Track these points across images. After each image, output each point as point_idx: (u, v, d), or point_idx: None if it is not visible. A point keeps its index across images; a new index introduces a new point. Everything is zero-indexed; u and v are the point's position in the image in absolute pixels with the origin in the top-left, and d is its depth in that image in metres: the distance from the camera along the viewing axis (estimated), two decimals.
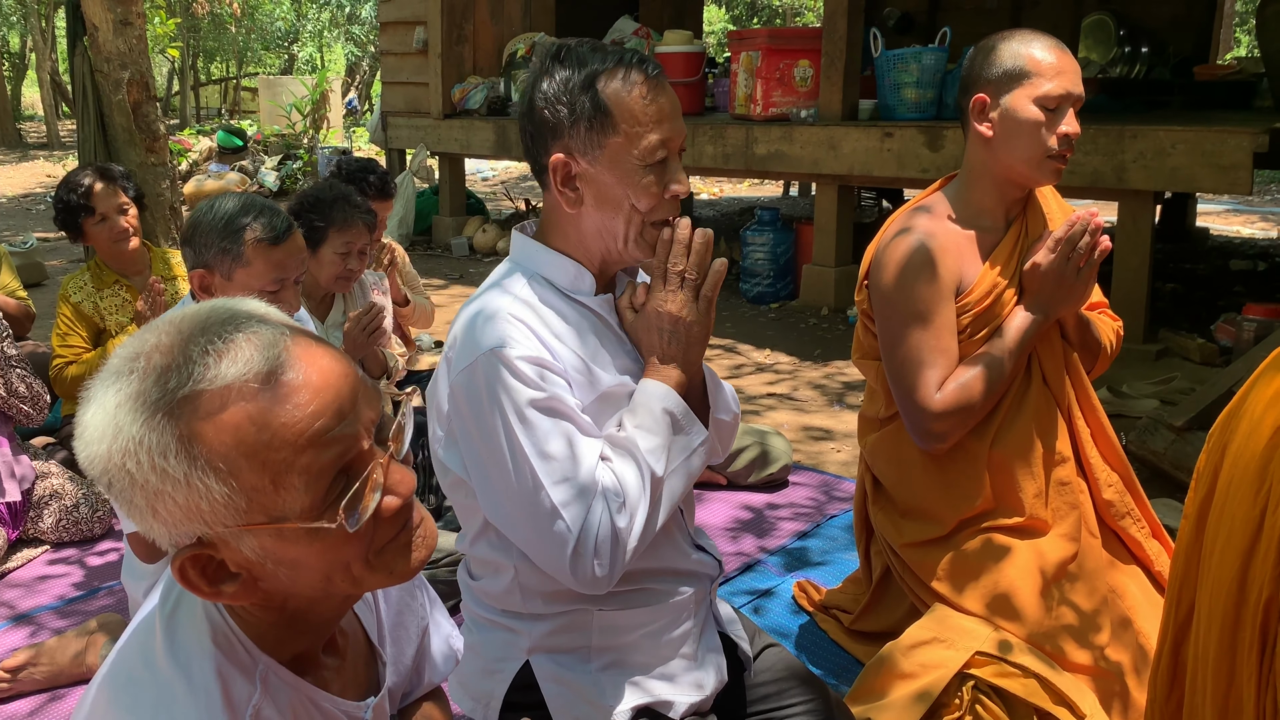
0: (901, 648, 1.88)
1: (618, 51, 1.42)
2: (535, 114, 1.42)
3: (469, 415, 1.38)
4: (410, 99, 8.02)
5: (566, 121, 1.40)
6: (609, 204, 1.42)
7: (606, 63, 1.40)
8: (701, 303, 1.44)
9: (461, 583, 1.58)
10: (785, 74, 5.61)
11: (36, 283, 6.50)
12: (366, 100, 20.70)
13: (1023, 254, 1.98)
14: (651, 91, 1.40)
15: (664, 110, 1.40)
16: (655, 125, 1.39)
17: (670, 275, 1.43)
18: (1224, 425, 1.18)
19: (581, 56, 1.41)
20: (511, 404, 1.34)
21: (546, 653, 1.48)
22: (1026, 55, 1.89)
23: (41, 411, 2.99)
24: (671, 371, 1.44)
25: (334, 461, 0.83)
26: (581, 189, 1.42)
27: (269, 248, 2.14)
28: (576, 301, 1.46)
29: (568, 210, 1.44)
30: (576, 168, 1.41)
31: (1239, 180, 4.10)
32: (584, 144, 1.40)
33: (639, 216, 1.42)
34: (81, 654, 2.26)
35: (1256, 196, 10.65)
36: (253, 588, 0.87)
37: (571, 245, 1.47)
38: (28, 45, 21.48)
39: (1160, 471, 3.15)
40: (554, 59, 1.42)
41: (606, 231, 1.44)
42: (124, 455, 0.79)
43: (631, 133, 1.38)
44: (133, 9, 4.54)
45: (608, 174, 1.40)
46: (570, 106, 1.39)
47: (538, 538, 1.36)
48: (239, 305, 0.87)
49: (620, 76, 1.39)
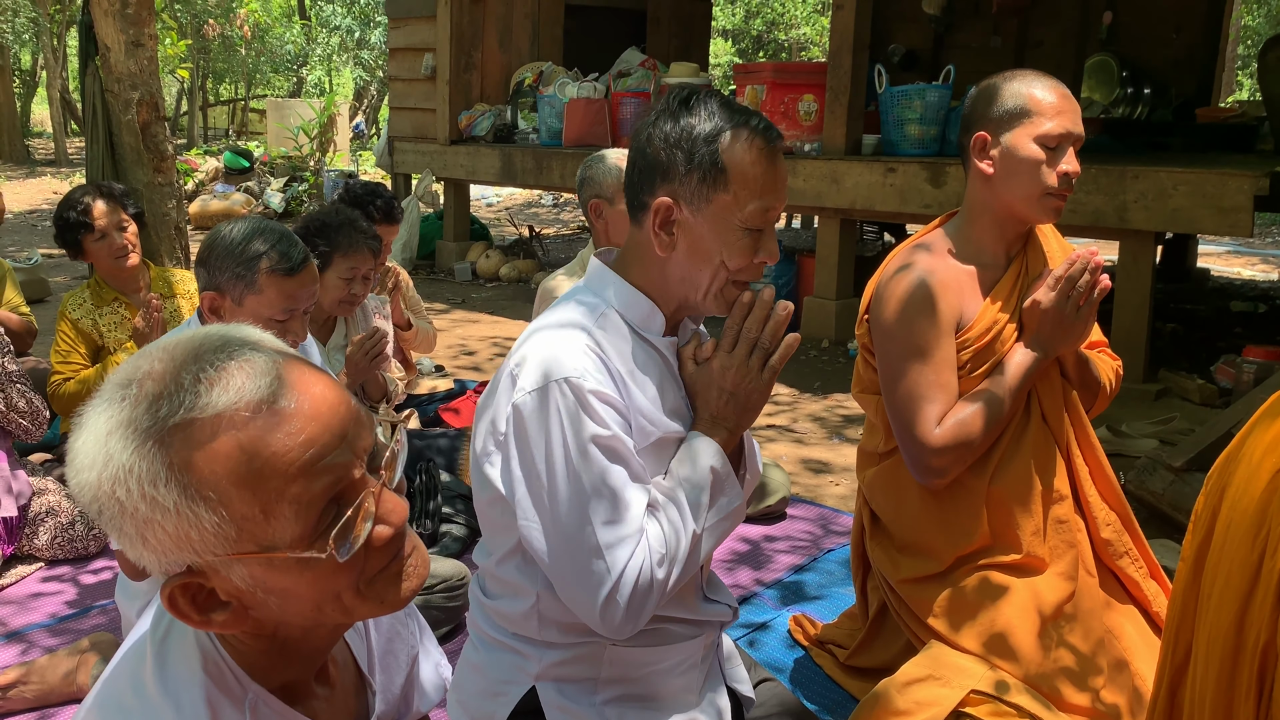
0: (896, 685, 1.87)
1: (746, 112, 1.43)
2: (650, 152, 1.43)
3: (529, 438, 1.37)
4: (417, 124, 8.08)
5: (681, 168, 1.40)
6: (700, 256, 1.43)
7: (733, 121, 1.41)
8: (767, 372, 1.44)
9: (473, 598, 1.57)
10: (790, 108, 5.65)
11: (40, 299, 6.52)
12: (374, 124, 20.83)
13: (1023, 291, 1.98)
14: (769, 159, 1.41)
15: (776, 180, 1.42)
16: (765, 193, 1.41)
17: (744, 339, 1.44)
18: (1222, 469, 1.18)
19: (711, 109, 1.42)
20: (575, 436, 1.34)
21: (553, 681, 1.48)
22: (1027, 94, 1.90)
23: (40, 427, 2.99)
24: (721, 431, 1.44)
25: (325, 491, 0.82)
26: (677, 235, 1.43)
27: (282, 278, 2.13)
28: (644, 340, 1.46)
29: (658, 253, 1.44)
30: (678, 214, 1.42)
31: (1240, 222, 4.12)
32: (693, 194, 1.41)
33: (725, 273, 1.43)
34: (73, 673, 2.25)
35: (1257, 239, 10.69)
36: (243, 616, 0.86)
37: (651, 283, 1.47)
38: (39, 63, 21.65)
39: (1159, 512, 3.14)
40: (683, 104, 1.43)
41: (690, 280, 1.45)
42: (114, 483, 0.78)
43: (741, 195, 1.39)
44: (145, 30, 4.58)
45: (707, 228, 1.41)
46: (689, 155, 1.40)
47: (573, 573, 1.35)
48: (233, 332, 0.86)
49: (745, 138, 1.40)
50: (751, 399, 1.45)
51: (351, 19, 20.95)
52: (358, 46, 21.18)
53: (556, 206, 12.75)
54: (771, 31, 24.02)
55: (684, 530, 1.38)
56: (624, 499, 1.35)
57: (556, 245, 9.42)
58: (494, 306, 6.80)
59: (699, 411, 1.47)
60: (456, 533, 2.98)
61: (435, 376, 4.77)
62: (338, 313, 3.11)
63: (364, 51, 21.12)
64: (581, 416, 1.34)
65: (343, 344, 3.19)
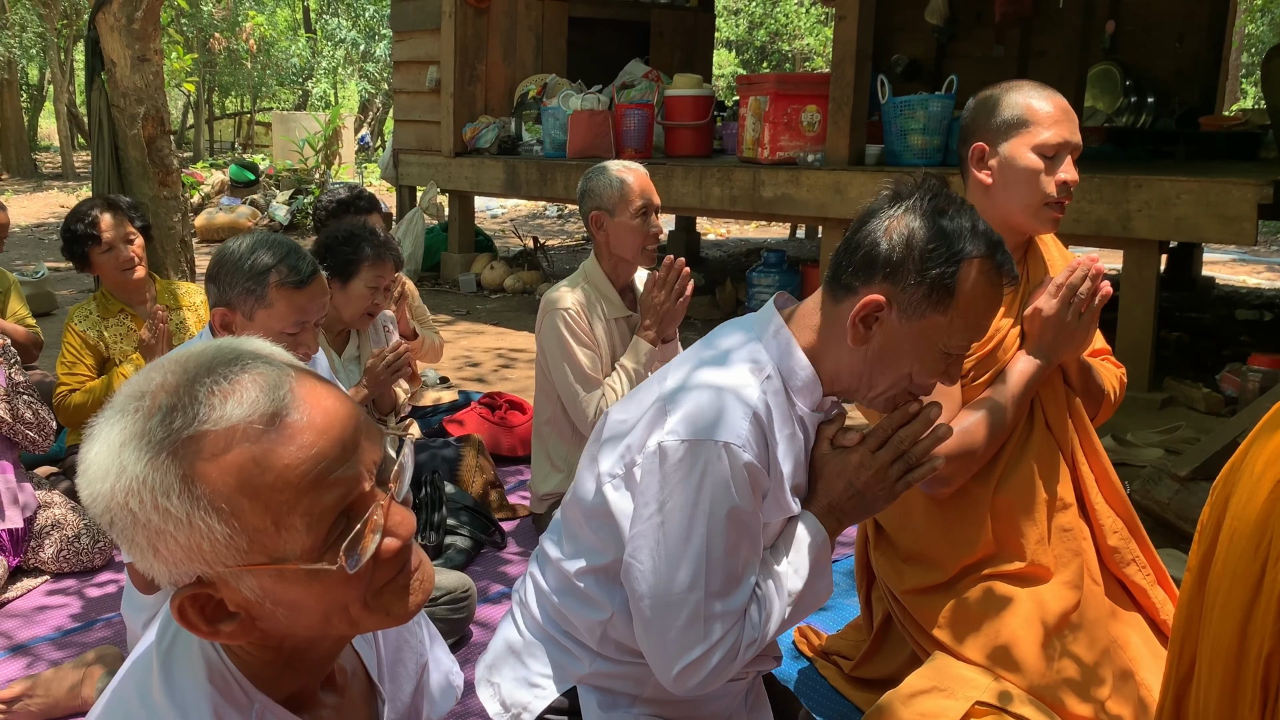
0: (901, 696, 1.87)
1: (995, 244, 1.37)
2: (881, 243, 1.36)
3: (668, 484, 1.34)
4: (422, 137, 8.10)
5: (911, 277, 1.34)
6: (891, 361, 1.39)
7: (979, 249, 1.35)
8: (901, 485, 1.42)
9: (534, 586, 1.55)
10: (793, 119, 5.66)
11: (46, 312, 6.54)
12: (379, 137, 20.91)
13: (1024, 299, 1.98)
14: (998, 295, 1.38)
15: (990, 317, 1.39)
16: (975, 328, 1.38)
17: (892, 445, 1.41)
18: (1226, 479, 1.18)
19: (964, 226, 1.36)
20: (716, 503, 1.32)
21: (595, 688, 1.48)
22: (1025, 104, 1.91)
23: (47, 439, 3.00)
24: (832, 521, 1.44)
25: (336, 503, 0.83)
26: (875, 332, 1.38)
27: (292, 291, 2.13)
28: (795, 411, 1.43)
29: (849, 343, 1.39)
30: (887, 318, 1.37)
31: (1243, 231, 4.12)
32: (909, 303, 1.35)
33: (907, 382, 1.40)
34: (78, 686, 2.25)
35: (1263, 247, 10.68)
36: (251, 627, 0.87)
37: (824, 360, 1.43)
38: (46, 77, 21.77)
39: (1164, 521, 3.14)
40: (935, 207, 1.36)
41: (868, 378, 1.41)
42: (127, 494, 0.79)
43: (957, 323, 1.36)
44: (151, 45, 4.61)
45: (909, 339, 1.37)
46: (922, 265, 1.34)
47: (666, 629, 1.34)
48: (244, 345, 0.87)
49: (986, 270, 1.35)
50: (875, 504, 1.43)
51: (356, 32, 21.05)
52: (363, 59, 21.27)
53: (561, 218, 12.78)
54: (775, 42, 24.08)
55: (776, 613, 1.38)
56: (740, 578, 1.34)
57: (561, 256, 9.43)
58: (499, 318, 6.81)
59: (818, 495, 1.45)
60: (461, 544, 2.98)
61: (440, 388, 4.77)
62: (358, 326, 3.12)
63: (369, 64, 21.22)
64: (730, 486, 1.31)
65: (356, 355, 3.20)
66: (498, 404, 3.99)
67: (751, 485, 1.33)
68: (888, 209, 1.38)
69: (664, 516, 1.34)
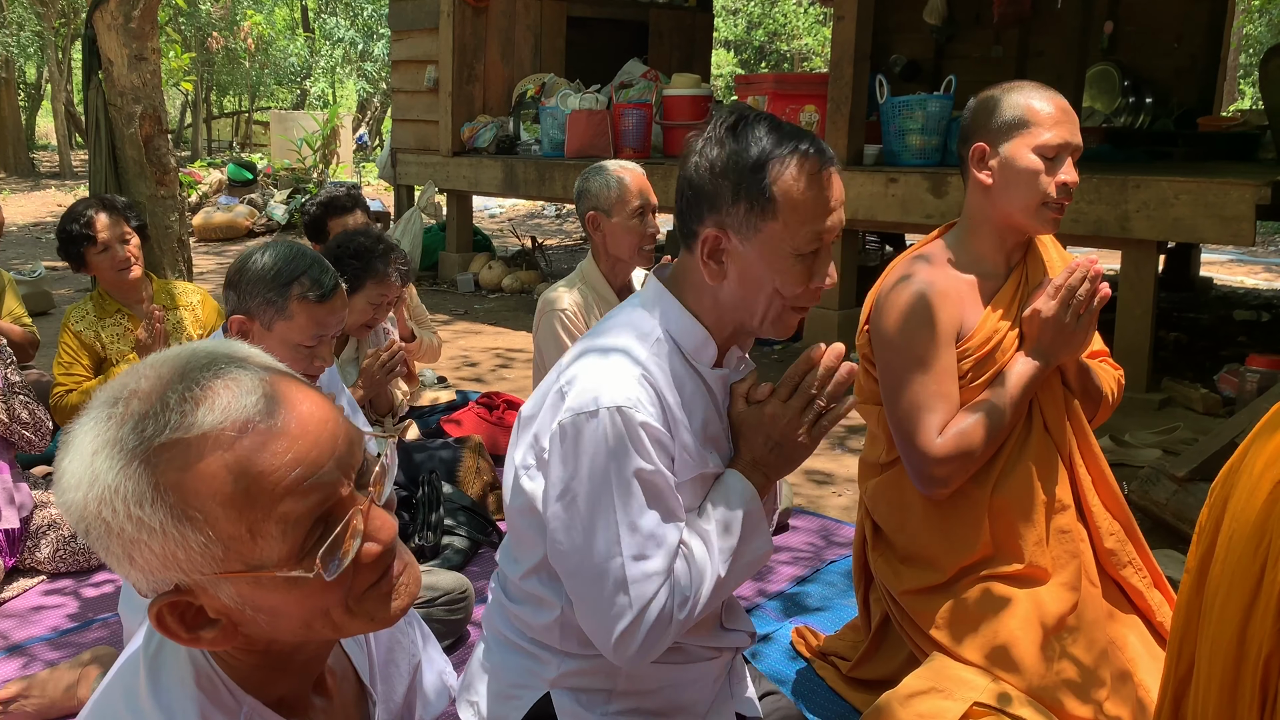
0: (899, 697, 1.86)
1: (795, 134, 1.38)
2: (697, 180, 1.39)
3: (571, 460, 1.35)
4: (420, 136, 8.10)
5: (728, 198, 1.36)
6: (752, 283, 1.40)
7: (782, 147, 1.36)
8: (817, 430, 1.42)
9: (495, 601, 1.56)
10: (791, 118, 5.66)
11: (43, 311, 6.53)
12: (377, 136, 20.90)
13: (1023, 300, 1.98)
14: (821, 183, 1.37)
15: (829, 203, 1.38)
16: (816, 219, 1.37)
17: (802, 392, 1.41)
18: (1225, 480, 1.17)
19: (758, 135, 1.37)
20: (620, 467, 1.32)
21: (568, 689, 1.47)
22: (1026, 105, 1.91)
23: (44, 438, 2.99)
24: (759, 476, 1.43)
25: (312, 509, 0.82)
26: (727, 264, 1.40)
27: (314, 305, 2.13)
28: (694, 369, 1.44)
29: (709, 281, 1.41)
30: (727, 244, 1.38)
31: (1242, 232, 4.12)
32: (741, 224, 1.37)
33: (780, 300, 1.40)
34: (74, 687, 2.24)
35: (1260, 247, 10.69)
36: (232, 633, 0.86)
37: (704, 310, 1.45)
38: (44, 76, 21.74)
39: (1162, 522, 3.14)
40: (730, 130, 1.38)
41: (744, 308, 1.42)
42: (100, 503, 0.78)
43: (791, 222, 1.36)
44: (148, 44, 4.60)
45: (757, 256, 1.38)
46: (735, 184, 1.36)
47: (595, 600, 1.34)
48: (220, 348, 0.86)
49: (794, 165, 1.35)
50: (796, 453, 1.43)
51: (355, 31, 21.04)
52: (361, 59, 21.27)
53: (559, 217, 12.77)
54: (773, 42, 24.09)
55: (709, 572, 1.37)
56: (657, 536, 1.33)
57: (559, 256, 9.43)
58: (497, 317, 6.81)
59: (741, 452, 1.45)
60: (458, 545, 2.97)
61: (438, 388, 4.77)
62: (356, 334, 3.12)
63: (367, 64, 21.21)
64: (628, 448, 1.32)
65: (353, 357, 3.20)
66: (495, 404, 3.99)
67: (652, 444, 1.33)
68: (694, 149, 1.41)
69: (572, 492, 1.35)
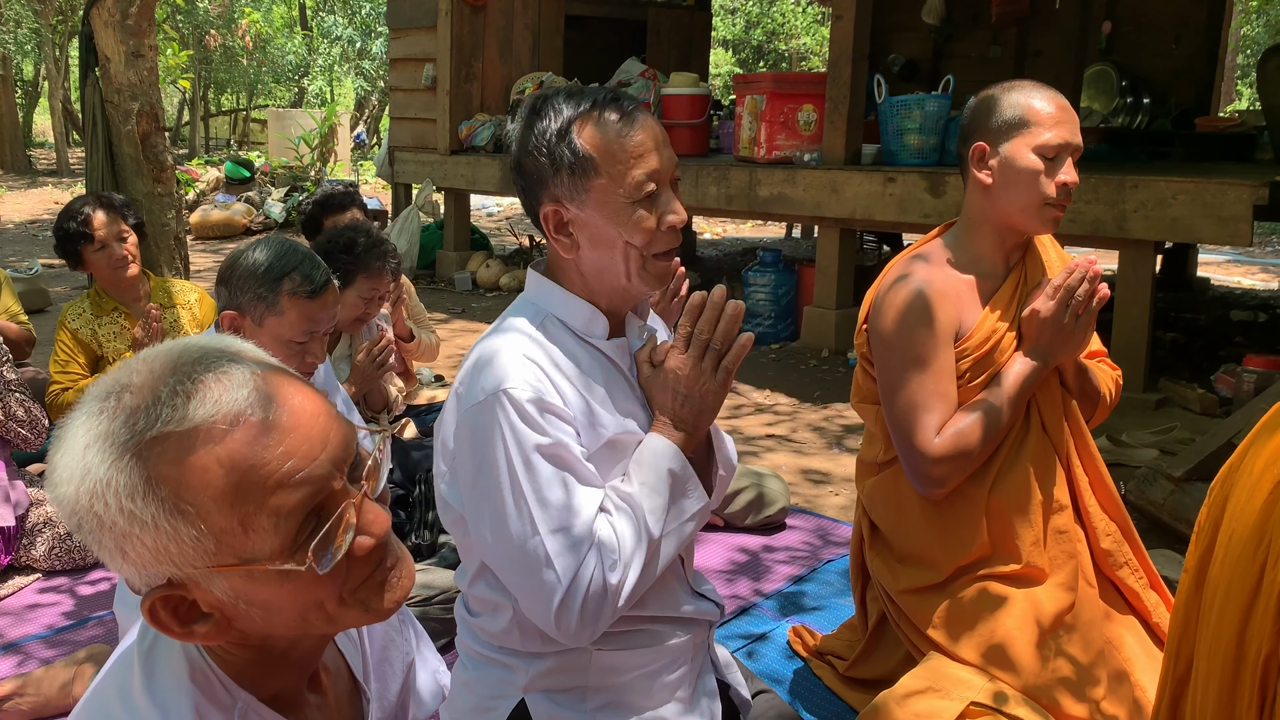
0: (896, 697, 1.86)
1: (591, 93, 1.42)
2: (522, 167, 1.44)
3: (471, 454, 1.37)
4: (418, 135, 8.09)
5: (549, 171, 1.40)
6: (604, 244, 1.42)
7: (580, 107, 1.40)
8: (721, 373, 1.42)
9: (459, 618, 1.57)
10: (789, 118, 5.66)
11: (40, 309, 6.52)
12: (375, 134, 20.88)
13: (1022, 300, 1.98)
14: (629, 127, 1.39)
15: (645, 144, 1.40)
16: (638, 160, 1.39)
17: (696, 341, 1.42)
18: (1224, 480, 1.17)
19: (556, 105, 1.41)
20: (516, 447, 1.33)
21: (542, 692, 1.47)
22: (1026, 105, 1.90)
23: (40, 436, 2.99)
24: (679, 434, 1.43)
25: (304, 503, 0.82)
26: (575, 234, 1.43)
27: (305, 300, 2.13)
28: (589, 344, 1.46)
29: (565, 256, 1.44)
30: (567, 214, 1.42)
31: (1239, 232, 4.12)
32: (569, 191, 1.40)
33: (636, 251, 1.42)
34: (69, 685, 2.24)
35: (1257, 248, 10.70)
36: (226, 628, 0.86)
37: (579, 286, 1.47)
38: (41, 73, 21.71)
39: (1159, 522, 3.14)
40: (532, 111, 1.43)
41: (608, 270, 1.44)
42: (92, 497, 0.78)
43: (614, 172, 1.38)
44: (145, 41, 4.59)
45: (597, 216, 1.40)
46: (550, 156, 1.40)
47: (526, 584, 1.35)
48: (212, 343, 0.86)
49: (595, 119, 1.39)
50: (707, 400, 1.43)
51: (353, 29, 21.02)
52: (359, 57, 21.24)
53: None
54: (772, 42, 24.08)
55: (639, 534, 1.36)
56: (571, 506, 1.34)
57: None
58: (494, 316, 6.77)
59: (656, 414, 1.46)
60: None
61: (435, 386, 4.76)
62: (349, 330, 3.11)
63: (365, 62, 21.18)
64: (522, 427, 1.33)
65: (347, 353, 3.19)
66: None
67: (546, 416, 1.34)
68: (511, 140, 1.48)
69: (480, 484, 1.36)
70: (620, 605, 1.35)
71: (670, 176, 1.43)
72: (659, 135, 1.42)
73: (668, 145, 1.43)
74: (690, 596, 1.55)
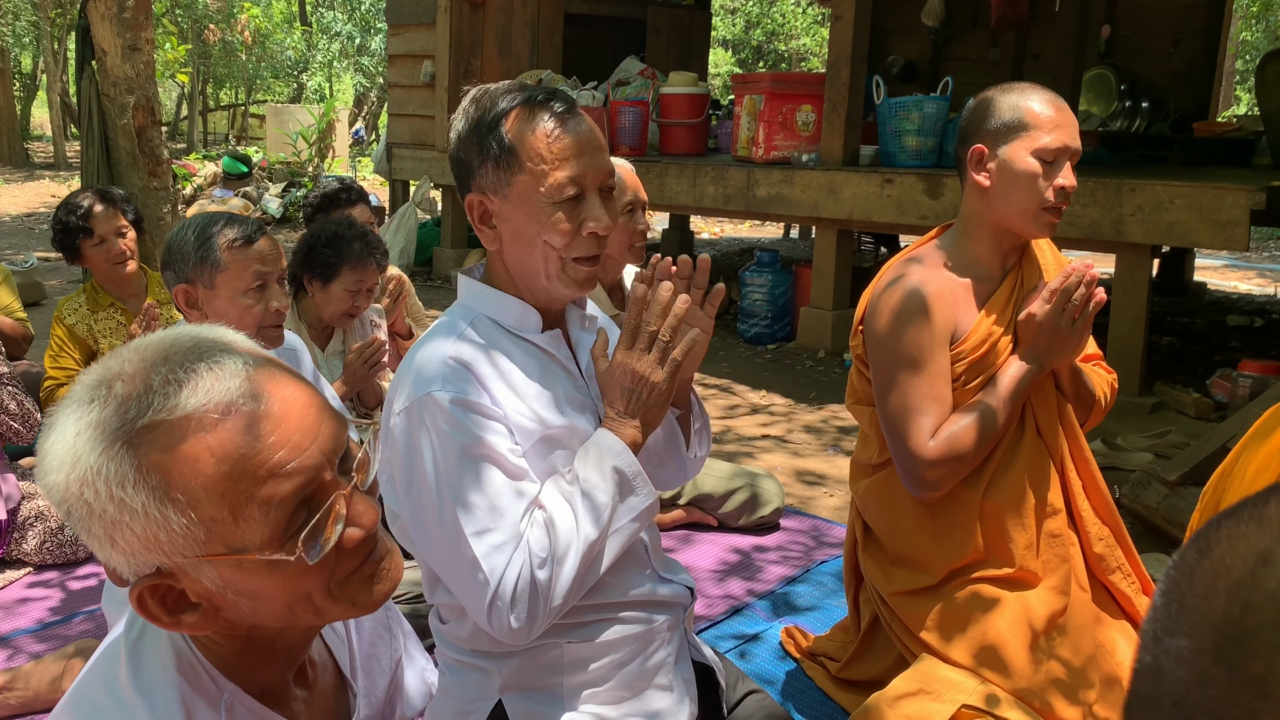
0: (887, 699, 1.86)
1: (530, 90, 1.42)
2: (454, 154, 1.45)
3: (404, 460, 1.36)
4: (416, 131, 8.08)
5: (477, 161, 1.41)
6: (523, 241, 1.41)
7: (513, 102, 1.40)
8: (669, 366, 1.41)
9: (433, 627, 1.56)
10: (788, 118, 5.66)
11: (35, 302, 6.50)
12: (373, 131, 20.86)
13: (1018, 304, 1.98)
14: (559, 129, 1.38)
15: (572, 148, 1.38)
16: (562, 163, 1.38)
17: (642, 334, 1.41)
18: (1217, 484, 1.17)
19: (493, 97, 1.42)
20: (440, 450, 1.33)
21: (519, 691, 1.46)
22: (1025, 108, 1.90)
23: (32, 430, 2.98)
24: (628, 428, 1.41)
25: (294, 493, 0.82)
26: (498, 227, 1.43)
27: (243, 247, 2.17)
28: (523, 339, 1.45)
29: (490, 247, 1.45)
30: (491, 206, 1.42)
31: (1236, 237, 4.12)
32: (493, 183, 1.40)
33: (555, 253, 1.40)
34: (58, 679, 2.23)
35: (1254, 253, 10.71)
36: (214, 617, 0.86)
37: (505, 281, 1.47)
38: (39, 66, 21.67)
39: (1153, 526, 3.14)
40: (473, 101, 1.44)
41: (528, 268, 1.43)
42: (82, 484, 0.78)
43: (537, 170, 1.38)
44: (142, 35, 4.58)
45: (518, 212, 1.40)
46: (480, 146, 1.40)
47: (461, 586, 1.35)
48: (204, 334, 0.86)
49: (526, 116, 1.39)
50: (654, 394, 1.41)
51: (352, 25, 21.00)
52: (358, 53, 21.22)
53: None
54: (771, 42, 24.09)
55: (578, 530, 1.35)
56: (498, 507, 1.32)
57: None
58: None
59: (606, 409, 1.44)
60: None
61: None
62: (338, 324, 3.10)
63: (364, 58, 21.16)
64: (446, 429, 1.32)
65: (340, 350, 3.18)
66: None
67: (470, 416, 1.33)
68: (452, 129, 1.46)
69: (412, 491, 1.36)
70: (557, 603, 1.33)
71: (599, 184, 1.41)
72: (592, 141, 1.41)
73: (602, 153, 1.41)
74: (657, 582, 1.53)
